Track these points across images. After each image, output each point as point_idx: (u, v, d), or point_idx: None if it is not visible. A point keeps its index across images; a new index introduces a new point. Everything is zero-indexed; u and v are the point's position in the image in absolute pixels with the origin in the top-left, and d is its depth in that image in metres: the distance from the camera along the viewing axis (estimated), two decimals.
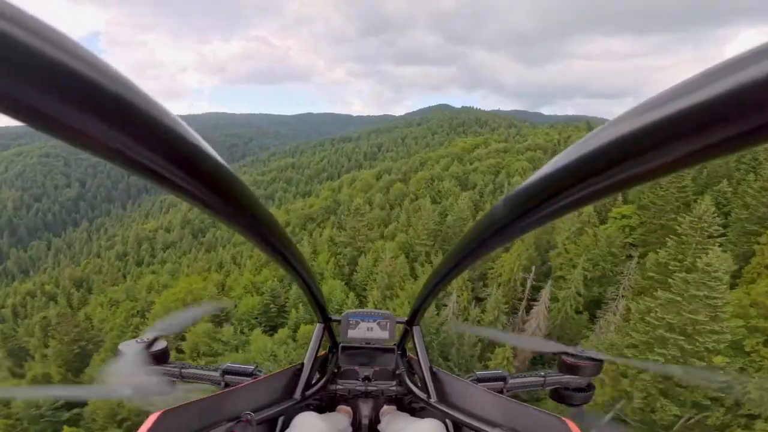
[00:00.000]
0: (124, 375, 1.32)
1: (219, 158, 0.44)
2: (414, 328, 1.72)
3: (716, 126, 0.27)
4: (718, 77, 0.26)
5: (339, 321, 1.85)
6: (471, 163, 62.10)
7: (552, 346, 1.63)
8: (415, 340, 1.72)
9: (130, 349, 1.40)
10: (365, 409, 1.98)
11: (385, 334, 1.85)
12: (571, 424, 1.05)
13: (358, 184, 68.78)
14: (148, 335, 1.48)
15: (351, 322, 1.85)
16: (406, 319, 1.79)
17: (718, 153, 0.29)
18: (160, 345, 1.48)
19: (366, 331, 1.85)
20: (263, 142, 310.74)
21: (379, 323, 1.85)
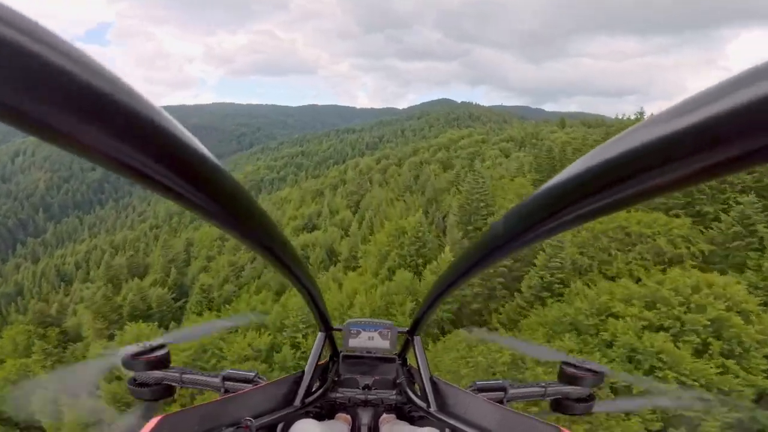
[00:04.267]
0: (126, 379, 1.37)
1: (225, 169, 0.44)
2: (415, 337, 1.75)
3: (735, 140, 0.26)
4: (739, 88, 0.24)
5: (341, 330, 1.87)
6: (455, 151, 75.27)
7: (554, 355, 1.68)
8: (416, 350, 1.75)
9: (131, 353, 1.42)
10: (364, 417, 2.00)
11: (386, 344, 1.88)
12: None
13: (363, 167, 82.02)
14: (155, 341, 1.49)
15: (353, 331, 1.87)
16: (407, 329, 1.81)
17: (735, 168, 0.28)
18: (161, 350, 1.49)
19: (367, 340, 1.87)
20: (270, 132, 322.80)
21: (380, 333, 1.87)
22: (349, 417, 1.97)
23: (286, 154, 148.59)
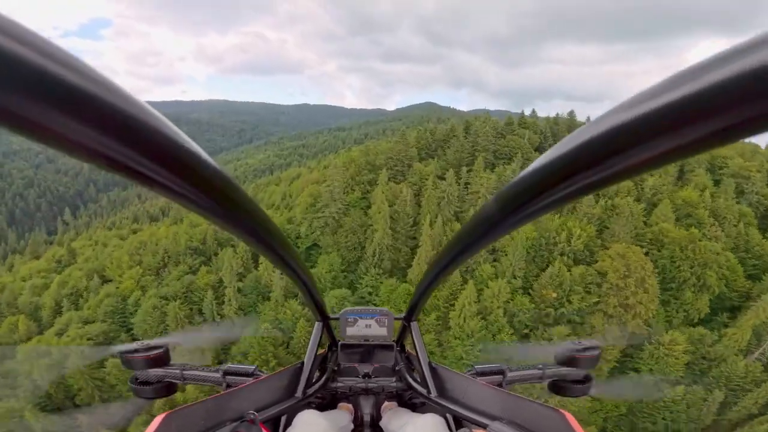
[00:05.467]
0: (128, 378, 1.42)
1: (213, 162, 0.45)
2: (412, 324, 1.75)
3: (695, 122, 0.29)
4: (697, 76, 0.28)
5: (337, 319, 1.86)
6: None
7: (545, 349, 1.60)
8: (414, 336, 1.74)
9: (130, 352, 1.42)
10: (366, 405, 2.03)
11: (383, 331, 1.87)
12: (569, 416, 1.06)
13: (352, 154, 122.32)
14: (155, 341, 1.50)
15: (349, 320, 1.86)
16: (403, 315, 1.80)
17: (699, 149, 0.31)
18: (161, 348, 1.49)
19: (364, 328, 1.86)
20: (266, 129, 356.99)
21: (377, 320, 1.86)
22: (351, 406, 2.03)
23: (289, 146, 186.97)
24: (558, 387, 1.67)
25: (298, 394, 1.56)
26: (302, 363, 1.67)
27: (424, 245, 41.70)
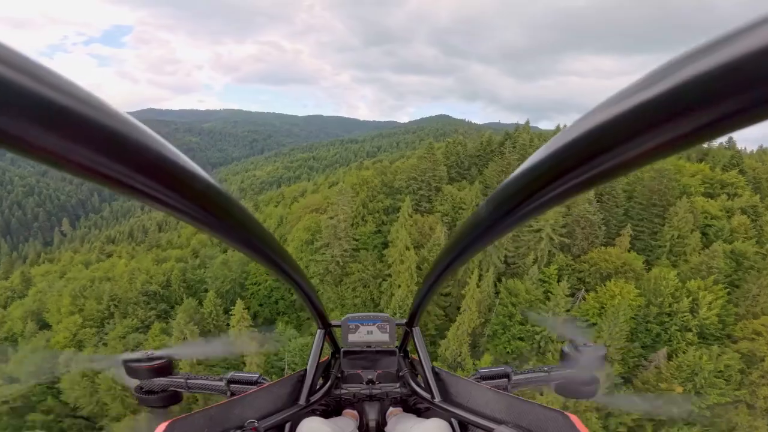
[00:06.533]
0: (132, 386, 1.45)
1: (207, 176, 0.46)
2: (414, 329, 1.75)
3: (686, 114, 0.28)
4: (684, 65, 0.27)
5: (339, 326, 1.87)
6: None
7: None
8: (416, 341, 1.74)
9: (134, 361, 1.45)
10: (371, 412, 2.03)
11: (385, 337, 1.87)
12: (575, 419, 1.05)
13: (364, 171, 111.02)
14: (155, 351, 1.52)
15: (351, 326, 1.86)
16: (405, 321, 1.80)
17: (693, 141, 0.29)
18: (164, 357, 1.51)
19: (366, 334, 1.87)
20: (278, 140, 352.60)
21: (378, 326, 1.86)
22: (356, 413, 2.04)
23: (300, 158, 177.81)
24: (565, 389, 1.65)
25: (302, 401, 1.56)
26: (305, 371, 1.67)
27: (467, 309, 28.64)
